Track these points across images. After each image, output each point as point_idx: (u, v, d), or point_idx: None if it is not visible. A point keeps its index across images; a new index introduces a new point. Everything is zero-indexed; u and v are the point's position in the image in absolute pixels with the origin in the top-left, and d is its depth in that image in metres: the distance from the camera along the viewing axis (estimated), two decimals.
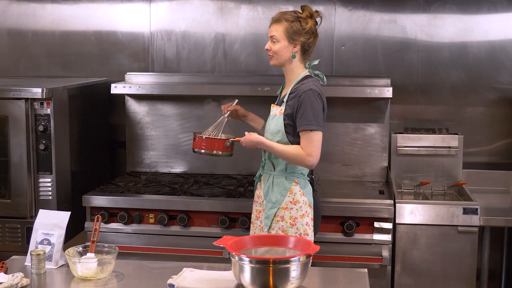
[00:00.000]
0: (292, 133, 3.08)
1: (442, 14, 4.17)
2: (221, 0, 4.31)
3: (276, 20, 3.11)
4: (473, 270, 3.57)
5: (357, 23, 4.23)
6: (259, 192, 3.21)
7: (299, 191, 3.10)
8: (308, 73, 3.17)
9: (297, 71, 3.16)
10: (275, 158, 3.11)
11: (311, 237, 3.09)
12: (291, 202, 3.08)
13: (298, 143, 3.05)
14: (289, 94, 3.12)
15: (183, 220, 3.61)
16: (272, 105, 3.24)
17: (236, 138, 3.24)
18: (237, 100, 3.38)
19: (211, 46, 4.35)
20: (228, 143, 3.23)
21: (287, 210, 3.07)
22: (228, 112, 3.36)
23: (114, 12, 4.41)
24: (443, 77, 4.21)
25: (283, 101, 3.14)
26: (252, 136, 3.13)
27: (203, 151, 3.26)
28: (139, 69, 4.42)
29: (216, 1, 4.31)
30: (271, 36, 3.11)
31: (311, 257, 2.30)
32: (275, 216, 3.08)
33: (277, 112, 3.14)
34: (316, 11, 3.14)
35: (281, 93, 3.27)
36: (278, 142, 3.08)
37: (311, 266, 2.44)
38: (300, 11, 3.14)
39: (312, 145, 3.01)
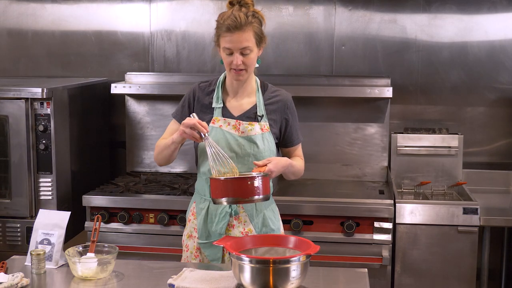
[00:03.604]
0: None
1: (442, 14, 4.17)
2: (221, 0, 4.30)
3: (241, 26, 2.55)
4: (473, 270, 3.57)
5: (357, 23, 4.23)
6: (244, 228, 2.69)
7: None
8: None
9: (253, 77, 2.75)
10: None
11: None
12: (282, 226, 2.84)
13: None
14: (265, 106, 2.71)
15: (183, 220, 3.61)
16: (234, 121, 2.67)
17: (260, 169, 2.55)
18: (194, 113, 2.61)
19: (211, 46, 4.32)
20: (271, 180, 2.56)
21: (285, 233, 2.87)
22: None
23: (114, 12, 4.41)
24: (443, 77, 4.21)
25: (258, 116, 2.69)
26: (282, 160, 2.64)
27: (259, 196, 2.44)
28: (139, 69, 4.42)
29: (216, 1, 4.31)
30: (243, 48, 2.57)
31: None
32: None
33: (258, 130, 2.66)
34: None
35: (224, 104, 2.72)
36: None
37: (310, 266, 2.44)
38: (232, 5, 2.61)
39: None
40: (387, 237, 3.52)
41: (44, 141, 3.60)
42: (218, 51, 2.70)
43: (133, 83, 4.16)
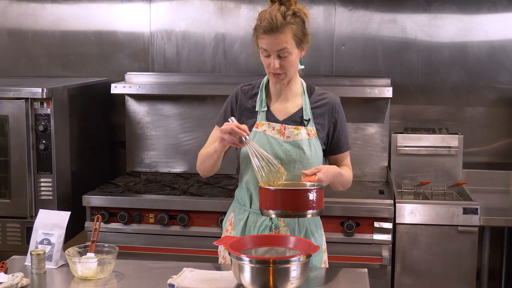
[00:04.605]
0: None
1: (442, 14, 4.17)
2: (221, 0, 4.31)
3: (277, 28, 2.39)
4: (473, 270, 3.57)
5: (357, 23, 4.23)
6: None
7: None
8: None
9: (299, 79, 2.60)
10: None
11: None
12: (325, 241, 2.71)
13: None
14: (311, 109, 2.56)
15: (183, 220, 3.61)
16: (279, 125, 2.52)
17: (309, 179, 2.36)
18: (232, 117, 2.48)
19: (211, 46, 4.35)
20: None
21: (325, 252, 2.69)
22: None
23: (114, 12, 4.41)
24: (443, 77, 4.21)
25: (305, 120, 2.54)
26: (332, 169, 2.46)
27: (313, 210, 2.25)
28: (139, 69, 4.42)
29: (216, 1, 4.31)
30: (280, 50, 2.42)
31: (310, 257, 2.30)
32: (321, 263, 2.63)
33: (304, 134, 2.50)
34: None
35: (268, 108, 2.56)
36: None
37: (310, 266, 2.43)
38: (278, 4, 2.43)
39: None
40: (387, 237, 3.52)
41: (44, 141, 3.60)
42: (259, 52, 2.54)
43: (133, 83, 4.16)
